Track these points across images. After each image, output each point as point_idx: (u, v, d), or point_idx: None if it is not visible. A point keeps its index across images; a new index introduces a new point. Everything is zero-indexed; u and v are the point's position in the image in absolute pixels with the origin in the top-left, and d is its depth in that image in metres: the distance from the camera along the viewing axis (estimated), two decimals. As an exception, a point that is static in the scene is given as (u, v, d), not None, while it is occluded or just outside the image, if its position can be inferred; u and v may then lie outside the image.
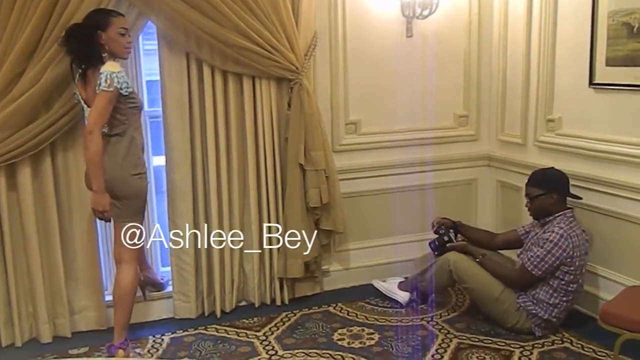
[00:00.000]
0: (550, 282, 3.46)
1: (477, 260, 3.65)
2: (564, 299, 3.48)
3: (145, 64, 3.83)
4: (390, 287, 4.10)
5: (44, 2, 3.23)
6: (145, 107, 3.83)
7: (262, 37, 3.64)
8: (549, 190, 3.53)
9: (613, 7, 3.45)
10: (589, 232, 3.59)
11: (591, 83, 3.65)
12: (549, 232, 3.46)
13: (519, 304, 3.54)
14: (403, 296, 4.02)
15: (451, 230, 3.86)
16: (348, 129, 4.22)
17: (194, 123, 3.75)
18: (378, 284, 4.19)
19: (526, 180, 3.66)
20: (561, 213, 3.52)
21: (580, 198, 3.59)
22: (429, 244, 3.90)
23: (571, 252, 3.40)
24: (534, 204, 3.58)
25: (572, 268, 3.43)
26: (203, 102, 3.74)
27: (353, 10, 4.07)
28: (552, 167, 3.70)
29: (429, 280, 3.83)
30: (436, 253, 3.85)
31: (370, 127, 4.26)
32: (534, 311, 3.51)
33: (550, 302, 3.47)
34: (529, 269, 3.44)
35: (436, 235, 3.90)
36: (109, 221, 3.31)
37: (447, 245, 3.79)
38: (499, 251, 3.95)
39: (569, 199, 3.59)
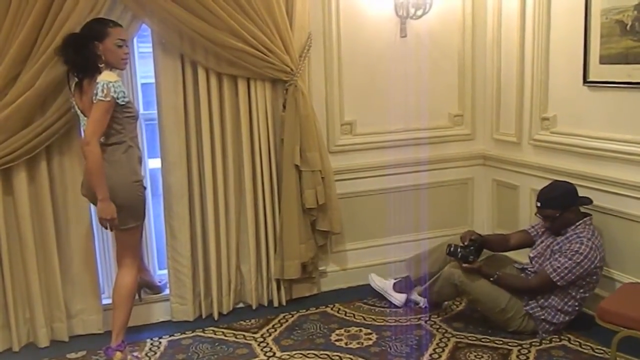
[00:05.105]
0: (569, 291, 3.44)
1: (491, 280, 3.55)
2: (577, 306, 3.49)
3: (140, 67, 3.83)
4: (386, 288, 4.09)
5: (38, 6, 3.23)
6: (141, 110, 3.84)
7: (256, 39, 3.64)
8: (566, 207, 3.48)
9: (606, 5, 3.46)
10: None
11: (585, 81, 3.66)
12: (575, 242, 3.40)
13: (527, 310, 3.52)
14: (399, 298, 4.01)
15: (474, 249, 3.66)
16: (343, 129, 4.22)
17: (189, 125, 3.75)
18: (374, 279, 4.17)
19: (537, 204, 3.57)
20: (582, 221, 3.49)
21: (591, 201, 3.55)
22: (449, 246, 3.65)
23: (598, 264, 3.39)
24: (555, 223, 3.51)
25: (594, 277, 3.43)
26: (198, 104, 3.74)
27: (347, 11, 4.08)
28: (555, 181, 3.66)
29: (437, 292, 3.76)
30: (451, 258, 3.70)
31: (365, 128, 4.27)
32: (542, 317, 3.50)
33: (564, 309, 3.47)
34: (554, 279, 3.38)
35: (459, 244, 3.69)
36: (114, 230, 3.29)
37: (464, 265, 3.58)
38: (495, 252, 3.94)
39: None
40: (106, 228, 3.25)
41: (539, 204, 3.55)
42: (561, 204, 3.48)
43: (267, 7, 3.65)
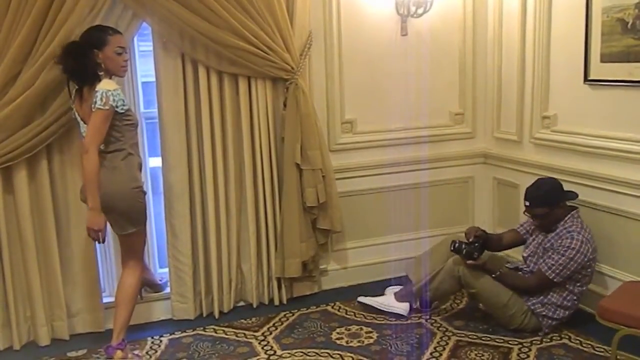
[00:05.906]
0: (567, 286, 3.45)
1: (494, 276, 3.56)
2: (576, 300, 3.50)
3: (141, 65, 3.82)
4: (388, 300, 3.96)
5: (38, 5, 3.23)
6: (141, 109, 3.85)
7: (257, 37, 3.64)
8: (555, 203, 3.49)
9: (607, 3, 3.46)
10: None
11: (586, 79, 3.66)
12: (566, 238, 3.41)
13: (529, 306, 3.53)
14: (403, 307, 3.90)
15: (478, 246, 3.65)
16: (344, 128, 4.22)
17: (190, 124, 3.75)
18: (366, 301, 4.03)
19: (525, 204, 3.55)
20: (569, 215, 3.50)
21: (577, 195, 3.58)
22: (453, 243, 3.62)
23: (591, 256, 3.40)
24: (545, 220, 3.53)
25: (589, 270, 3.44)
26: (199, 102, 3.74)
27: (348, 9, 4.07)
28: (540, 179, 3.66)
29: (436, 288, 3.73)
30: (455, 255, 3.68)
31: (366, 126, 4.26)
32: (543, 313, 3.51)
33: (563, 304, 3.48)
34: (550, 277, 3.40)
35: (464, 240, 3.67)
36: (102, 242, 3.28)
37: (468, 262, 3.58)
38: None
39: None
40: (93, 239, 3.23)
41: (527, 203, 3.55)
42: (549, 200, 3.49)
43: (268, 5, 3.64)
